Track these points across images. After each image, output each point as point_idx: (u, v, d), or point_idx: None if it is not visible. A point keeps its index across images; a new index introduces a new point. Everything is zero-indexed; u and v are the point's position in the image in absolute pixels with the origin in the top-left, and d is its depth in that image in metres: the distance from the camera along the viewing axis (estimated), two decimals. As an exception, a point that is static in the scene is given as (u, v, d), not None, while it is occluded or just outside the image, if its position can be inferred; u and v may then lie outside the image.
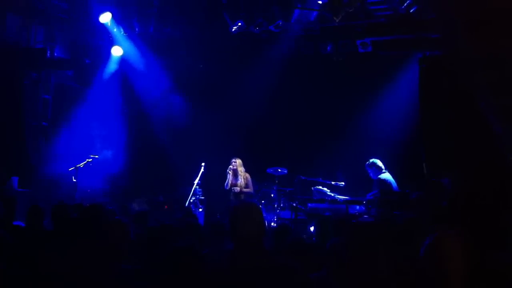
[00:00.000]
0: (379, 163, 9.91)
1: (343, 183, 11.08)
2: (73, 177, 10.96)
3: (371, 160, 9.98)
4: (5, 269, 3.37)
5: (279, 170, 11.68)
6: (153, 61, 12.79)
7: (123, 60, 12.61)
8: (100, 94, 12.72)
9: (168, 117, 13.35)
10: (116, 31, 11.76)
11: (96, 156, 11.36)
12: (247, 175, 11.35)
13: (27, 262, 4.29)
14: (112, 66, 12.61)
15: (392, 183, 9.74)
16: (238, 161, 11.35)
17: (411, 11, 9.29)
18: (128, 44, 12.16)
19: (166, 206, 12.74)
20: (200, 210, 12.03)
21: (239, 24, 10.54)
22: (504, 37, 6.67)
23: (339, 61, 11.10)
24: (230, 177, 11.30)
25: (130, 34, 11.91)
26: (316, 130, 12.21)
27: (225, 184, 11.32)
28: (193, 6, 11.00)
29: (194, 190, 11.76)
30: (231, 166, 11.31)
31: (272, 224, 11.23)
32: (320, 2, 9.84)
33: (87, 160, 11.16)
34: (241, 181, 11.26)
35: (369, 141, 11.32)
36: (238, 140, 12.78)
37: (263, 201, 11.79)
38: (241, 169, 11.33)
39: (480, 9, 6.83)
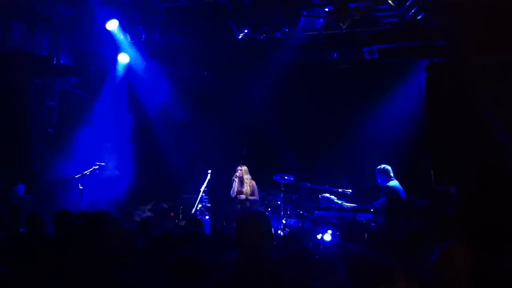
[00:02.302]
0: (390, 170, 9.81)
1: (350, 190, 11.03)
2: (79, 184, 10.93)
3: (382, 166, 9.87)
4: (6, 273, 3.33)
5: (286, 177, 11.63)
6: (159, 68, 12.78)
7: (128, 67, 12.59)
8: (105, 101, 12.68)
9: (173, 125, 13.32)
10: (122, 38, 11.72)
11: (102, 164, 11.34)
12: (253, 182, 11.31)
13: (26, 267, 4.26)
14: (117, 73, 12.58)
15: (400, 191, 9.66)
16: (243, 169, 11.32)
17: (418, 18, 9.23)
18: (134, 51, 12.14)
19: (171, 214, 12.71)
20: (207, 217, 11.99)
21: (245, 31, 10.52)
22: (509, 47, 6.63)
23: (345, 68, 11.07)
24: (236, 184, 11.26)
25: (136, 42, 11.89)
26: (322, 137, 12.16)
27: (231, 191, 11.27)
28: (198, 14, 10.97)
29: (200, 198, 11.72)
30: (237, 174, 11.26)
31: (279, 231, 11.17)
32: (326, 9, 9.80)
33: (93, 167, 11.14)
34: (246, 188, 11.22)
35: (376, 148, 11.26)
36: (244, 147, 12.72)
37: (269, 209, 11.73)
38: (246, 177, 11.29)
39: (486, 18, 6.79)
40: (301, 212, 11.32)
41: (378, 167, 9.98)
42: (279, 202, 11.72)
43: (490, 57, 6.97)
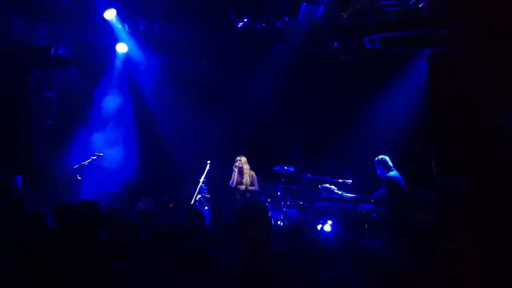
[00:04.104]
0: (388, 161, 9.74)
1: (350, 181, 11.01)
2: (78, 175, 10.88)
3: (380, 157, 9.78)
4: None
5: (286, 168, 11.58)
6: (158, 59, 12.71)
7: (128, 58, 12.52)
8: (105, 92, 12.63)
9: (173, 116, 13.26)
10: (121, 28, 11.64)
11: (101, 154, 11.27)
12: (253, 173, 11.25)
13: (27, 261, 4.21)
14: (117, 64, 12.51)
15: (401, 181, 9.60)
16: (243, 159, 11.25)
17: (420, 6, 9.16)
18: (132, 41, 12.06)
19: (171, 205, 12.68)
20: (206, 208, 11.96)
21: (245, 20, 10.46)
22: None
23: (346, 58, 11.00)
24: (235, 175, 11.19)
25: (135, 32, 11.82)
26: (323, 128, 12.12)
27: (231, 182, 11.21)
28: (198, 4, 10.91)
29: (199, 188, 11.68)
30: (236, 164, 11.20)
31: (279, 222, 11.15)
32: (327, -4, 9.76)
33: (92, 158, 11.07)
34: (246, 179, 11.15)
35: (378, 139, 11.21)
36: (244, 138, 12.69)
37: (269, 199, 11.71)
38: (246, 167, 11.22)
39: (491, 6, 6.72)
40: (302, 203, 11.29)
41: (376, 158, 9.86)
42: (279, 193, 11.69)
43: (495, 46, 6.90)
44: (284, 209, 11.36)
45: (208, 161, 11.80)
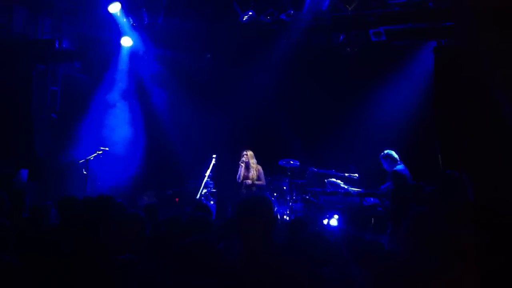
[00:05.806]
0: (394, 154, 9.65)
1: (356, 175, 10.96)
2: (83, 170, 10.87)
3: (386, 152, 9.70)
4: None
5: (291, 162, 11.54)
6: (162, 53, 12.66)
7: (132, 52, 12.48)
8: (109, 86, 12.61)
9: (176, 110, 13.22)
10: (125, 22, 11.60)
11: (106, 149, 11.28)
12: (259, 167, 11.20)
13: (29, 255, 4.18)
14: (121, 58, 12.47)
15: (408, 175, 9.53)
16: (249, 153, 11.20)
17: (426, -2, 9.09)
18: (137, 35, 12.01)
19: (177, 199, 12.65)
20: (212, 202, 11.92)
21: (250, 13, 10.41)
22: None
23: (351, 51, 10.91)
24: (242, 169, 11.13)
25: (139, 26, 11.77)
26: (329, 122, 12.04)
27: (237, 176, 11.16)
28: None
29: (205, 183, 11.63)
30: (243, 159, 11.15)
31: (285, 217, 11.11)
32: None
33: (97, 152, 11.07)
34: (253, 173, 11.10)
35: (383, 132, 11.13)
36: (249, 132, 12.64)
37: (275, 194, 11.65)
38: (253, 161, 11.18)
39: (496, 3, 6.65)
40: (307, 197, 11.26)
41: (382, 153, 9.76)
42: (285, 187, 11.64)
43: (500, 39, 6.83)
44: (290, 203, 11.32)
45: (214, 155, 11.75)
